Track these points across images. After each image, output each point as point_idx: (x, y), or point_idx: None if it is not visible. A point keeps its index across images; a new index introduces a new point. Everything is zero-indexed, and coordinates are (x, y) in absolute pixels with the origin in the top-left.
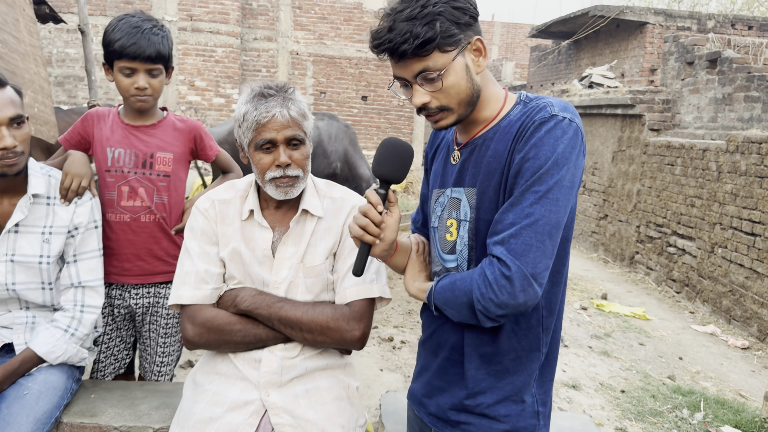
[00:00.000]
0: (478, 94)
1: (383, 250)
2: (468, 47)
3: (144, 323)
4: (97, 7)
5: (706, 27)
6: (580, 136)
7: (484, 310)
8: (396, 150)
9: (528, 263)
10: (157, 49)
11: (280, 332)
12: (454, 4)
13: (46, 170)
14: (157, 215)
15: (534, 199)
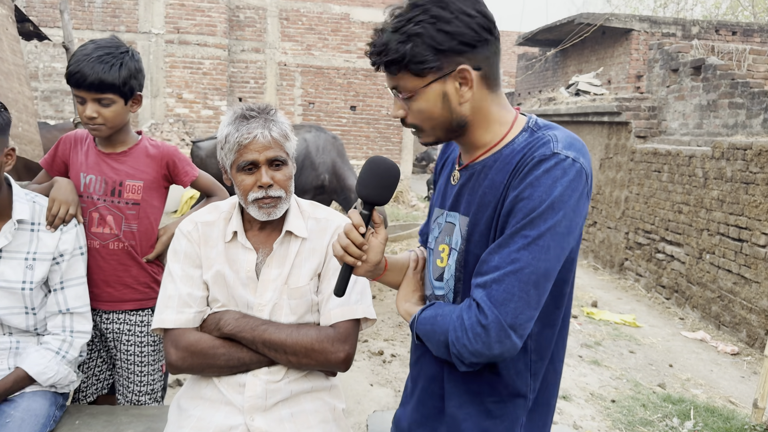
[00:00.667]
0: (460, 123)
1: (367, 271)
2: (451, 75)
3: (117, 350)
4: (84, 21)
5: (690, 33)
6: (584, 178)
7: (458, 354)
8: (380, 171)
9: (507, 313)
10: (99, 78)
11: (265, 355)
12: (440, 26)
13: (31, 196)
14: (126, 243)
15: (523, 243)
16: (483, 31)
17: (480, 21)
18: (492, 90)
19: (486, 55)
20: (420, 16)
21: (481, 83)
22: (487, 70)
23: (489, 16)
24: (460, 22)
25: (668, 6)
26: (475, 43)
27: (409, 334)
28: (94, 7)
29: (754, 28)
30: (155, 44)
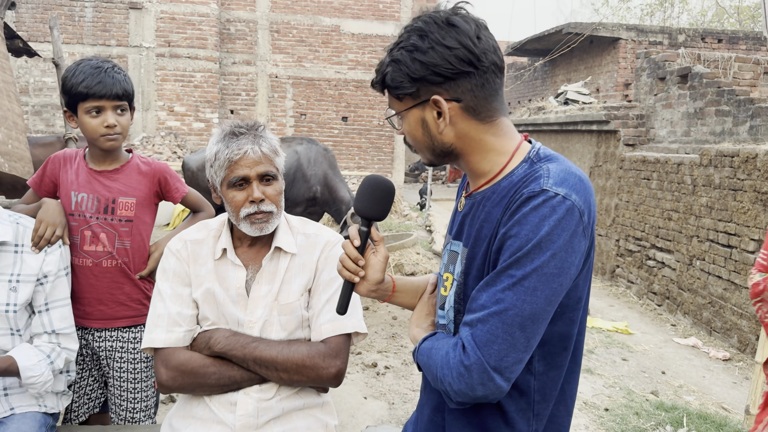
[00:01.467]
0: (444, 150)
1: (369, 290)
2: (427, 104)
3: (110, 368)
4: (74, 35)
5: (677, 41)
6: (576, 216)
7: (444, 392)
8: (377, 188)
9: (491, 355)
10: (122, 87)
11: (256, 373)
12: (415, 55)
13: (14, 217)
14: (119, 260)
15: (508, 283)
16: (462, 64)
17: (460, 53)
18: (482, 120)
19: (468, 87)
20: (403, 42)
21: (466, 114)
22: (471, 102)
23: (472, 49)
24: (435, 53)
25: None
26: (452, 75)
27: (402, 345)
28: (85, 21)
29: (740, 36)
30: (146, 58)
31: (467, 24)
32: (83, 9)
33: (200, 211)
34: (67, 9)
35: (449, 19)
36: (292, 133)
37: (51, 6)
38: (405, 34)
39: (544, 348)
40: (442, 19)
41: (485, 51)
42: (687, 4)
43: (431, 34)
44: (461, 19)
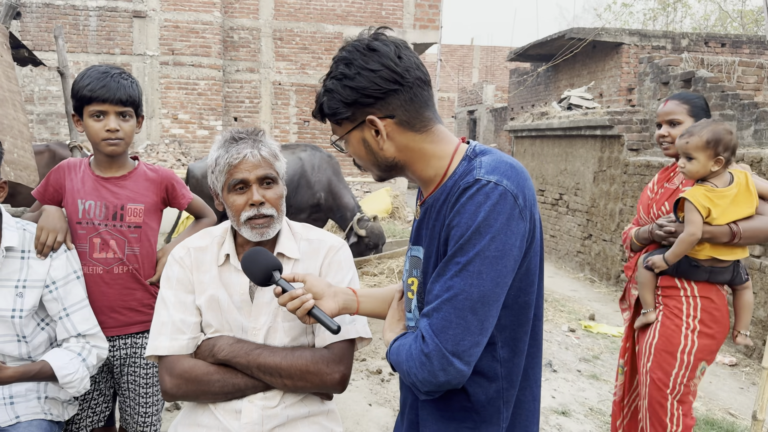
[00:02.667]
0: (389, 164)
1: (332, 301)
2: (364, 124)
3: (123, 375)
4: (78, 44)
5: (680, 46)
6: (510, 200)
7: (412, 384)
8: (250, 260)
9: (447, 340)
10: (127, 92)
11: (260, 380)
12: (345, 82)
13: (21, 224)
14: (130, 266)
15: (455, 270)
16: (388, 83)
17: (384, 74)
18: (418, 131)
19: (399, 104)
20: (333, 72)
21: (401, 128)
22: (403, 116)
23: (394, 69)
24: (362, 77)
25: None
26: (381, 95)
27: None
28: (89, 30)
29: (743, 40)
30: (150, 66)
31: (387, 47)
32: (87, 18)
33: (204, 217)
34: (71, 18)
35: (370, 44)
36: (296, 140)
37: (55, 15)
38: (334, 64)
39: (505, 332)
40: (363, 46)
41: (408, 68)
42: (690, 8)
43: (356, 61)
44: (381, 44)
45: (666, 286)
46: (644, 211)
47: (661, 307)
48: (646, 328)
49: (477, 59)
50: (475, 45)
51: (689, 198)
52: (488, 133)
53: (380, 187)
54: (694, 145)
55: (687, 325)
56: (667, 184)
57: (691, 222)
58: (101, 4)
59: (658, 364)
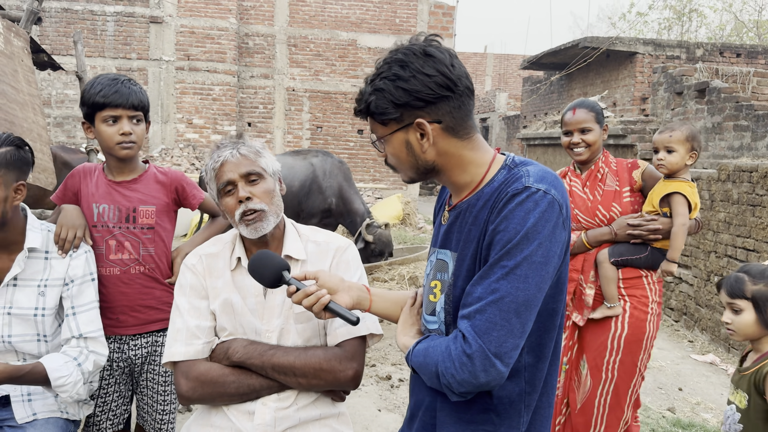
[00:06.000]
0: (428, 167)
1: (347, 295)
2: (411, 127)
3: (142, 373)
4: (96, 49)
5: (695, 56)
6: (556, 208)
7: (447, 384)
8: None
9: (491, 342)
10: (138, 98)
11: (274, 380)
12: (398, 84)
13: (45, 226)
14: (146, 266)
15: (501, 274)
16: (441, 89)
17: (438, 80)
18: (461, 137)
19: (447, 110)
20: (385, 72)
21: (446, 133)
22: (450, 122)
23: (449, 75)
24: (417, 81)
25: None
26: (433, 99)
27: None
28: (106, 35)
29: (759, 50)
30: (166, 71)
31: (442, 54)
32: (105, 23)
33: (218, 215)
34: (89, 23)
35: (426, 49)
36: (308, 145)
37: (74, 20)
38: (385, 65)
39: (532, 337)
40: (419, 50)
41: (460, 77)
42: (705, 18)
43: (411, 64)
44: (436, 50)
45: (630, 278)
46: (587, 215)
47: (627, 299)
48: (598, 324)
49: (490, 67)
50: (489, 53)
51: (683, 192)
52: (500, 141)
53: (391, 193)
54: (676, 138)
55: (651, 311)
56: (604, 186)
57: (683, 214)
58: (119, 10)
59: (628, 355)
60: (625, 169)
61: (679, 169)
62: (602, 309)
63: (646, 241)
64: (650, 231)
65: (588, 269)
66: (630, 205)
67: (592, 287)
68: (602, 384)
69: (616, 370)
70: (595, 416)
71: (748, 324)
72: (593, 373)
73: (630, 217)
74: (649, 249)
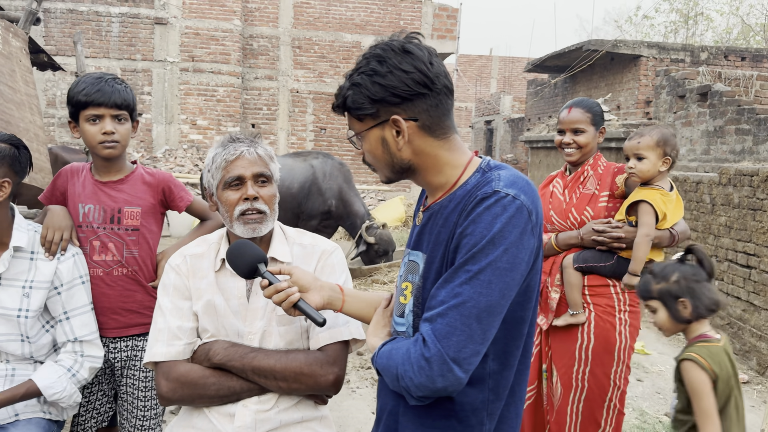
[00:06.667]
0: (403, 166)
1: (318, 295)
2: (387, 123)
3: (123, 377)
4: (101, 50)
5: (699, 59)
6: (525, 214)
7: (405, 387)
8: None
9: (450, 347)
10: (121, 96)
11: (255, 383)
12: (375, 79)
13: (32, 226)
14: (129, 269)
15: (465, 278)
16: (418, 86)
17: (415, 77)
18: (437, 137)
19: (424, 108)
20: (363, 67)
21: (422, 132)
22: (426, 121)
23: (426, 73)
24: (393, 76)
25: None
26: (409, 96)
27: None
28: (111, 36)
29: (764, 54)
30: (170, 72)
31: (421, 51)
32: (110, 24)
33: (207, 219)
34: (94, 24)
35: (405, 46)
36: (312, 147)
37: (79, 21)
38: (364, 60)
39: (498, 345)
40: (398, 46)
41: (438, 75)
42: (712, 21)
43: (389, 60)
44: (415, 47)
45: (595, 285)
46: (560, 217)
47: (592, 307)
48: (565, 331)
49: (495, 69)
50: (494, 55)
51: (650, 201)
52: (505, 144)
53: (394, 195)
54: (645, 144)
55: (620, 321)
56: (582, 189)
57: (647, 224)
58: (124, 11)
59: (598, 366)
60: (610, 173)
61: (651, 177)
62: (565, 316)
63: (611, 248)
64: (613, 239)
65: (555, 272)
66: (605, 210)
67: (557, 291)
68: (573, 393)
69: (587, 381)
70: (569, 425)
71: (664, 321)
72: (563, 381)
73: (597, 222)
74: (615, 258)
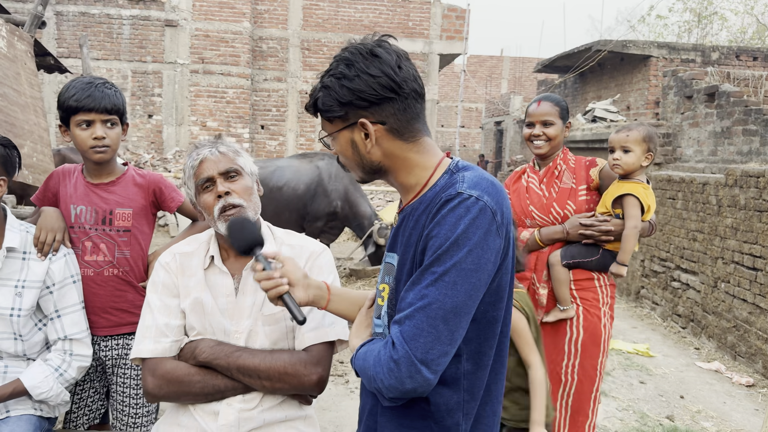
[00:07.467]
0: (373, 167)
1: (303, 290)
2: (356, 126)
3: (114, 375)
4: (112, 52)
5: (710, 59)
6: (488, 215)
7: (378, 389)
8: (233, 228)
9: (418, 348)
10: (111, 101)
11: (240, 381)
12: (343, 82)
13: (24, 226)
14: (120, 269)
15: (431, 280)
16: (385, 90)
17: (382, 81)
18: (406, 140)
19: (392, 111)
20: (333, 70)
21: (390, 135)
22: (395, 124)
23: (393, 77)
24: (360, 80)
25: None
26: (376, 100)
27: None
28: (122, 38)
29: None
30: (180, 74)
31: (389, 55)
32: (121, 26)
33: (197, 219)
34: (105, 26)
35: (373, 50)
36: (320, 148)
37: (90, 23)
38: (334, 62)
39: (471, 345)
40: (366, 50)
41: (405, 79)
42: (726, 21)
43: (357, 63)
44: (384, 51)
45: (581, 279)
46: (542, 212)
47: (579, 301)
48: (553, 326)
49: (506, 70)
50: (504, 56)
51: (635, 194)
52: (515, 145)
53: None
54: (633, 138)
55: (603, 313)
56: (560, 184)
57: (634, 216)
58: (134, 13)
59: (587, 359)
60: (582, 167)
61: (634, 170)
62: (555, 312)
63: (598, 242)
64: (602, 232)
65: (541, 268)
66: (585, 203)
67: (545, 287)
68: (562, 387)
69: (576, 374)
70: (558, 419)
71: None
72: (551, 377)
73: (582, 216)
74: (600, 251)
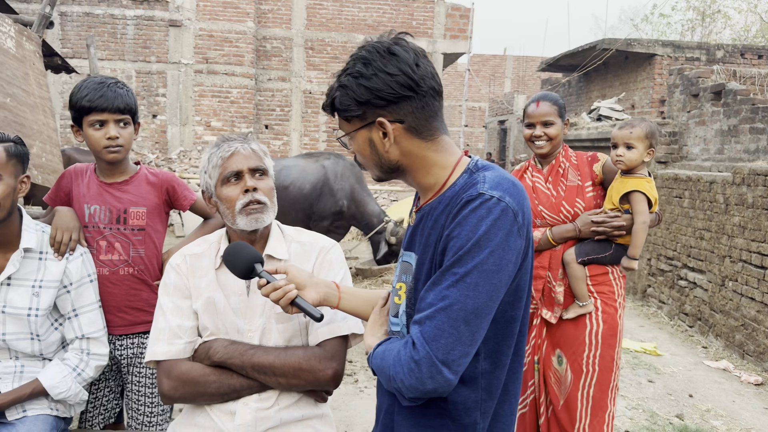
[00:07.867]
0: (391, 166)
1: (314, 291)
2: (373, 125)
3: (129, 374)
4: (116, 52)
5: (715, 57)
6: (510, 216)
7: (397, 389)
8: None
9: (439, 349)
10: (124, 101)
11: (255, 380)
12: (360, 81)
13: (40, 226)
14: (135, 268)
15: (452, 281)
16: (403, 89)
17: (400, 79)
18: (424, 138)
19: (410, 110)
20: (350, 69)
21: (408, 134)
22: (413, 123)
23: (412, 75)
24: (378, 79)
25: (696, 30)
26: (394, 99)
27: None
28: (126, 38)
29: None
30: (185, 74)
31: (407, 53)
32: (125, 27)
33: (210, 217)
34: (110, 27)
35: (390, 48)
36: (325, 147)
37: (95, 24)
38: (351, 61)
39: (489, 344)
40: (384, 48)
41: (423, 77)
42: (730, 19)
43: (374, 62)
44: (401, 49)
45: (597, 274)
46: (551, 211)
47: (596, 295)
48: (573, 320)
49: (510, 69)
50: (508, 55)
51: (642, 190)
52: (518, 143)
53: (407, 195)
54: (636, 135)
55: (619, 305)
56: (567, 181)
57: (643, 212)
58: (139, 14)
59: (607, 349)
60: (585, 163)
61: (636, 165)
62: (575, 308)
63: (610, 237)
64: (614, 228)
65: (556, 266)
66: (593, 199)
67: (561, 285)
68: (583, 378)
69: (597, 365)
70: (580, 410)
71: None
72: (573, 369)
73: (593, 213)
74: (613, 246)
